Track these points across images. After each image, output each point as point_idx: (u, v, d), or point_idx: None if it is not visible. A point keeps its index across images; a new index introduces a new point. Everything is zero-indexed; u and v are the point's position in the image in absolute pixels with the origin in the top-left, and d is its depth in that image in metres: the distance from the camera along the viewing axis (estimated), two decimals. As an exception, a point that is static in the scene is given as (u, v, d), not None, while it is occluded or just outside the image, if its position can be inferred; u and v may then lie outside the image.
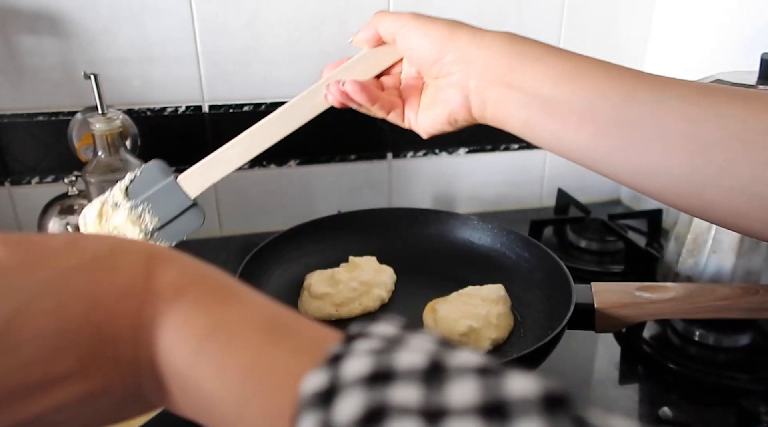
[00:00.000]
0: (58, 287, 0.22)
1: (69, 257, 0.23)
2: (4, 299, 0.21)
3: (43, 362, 0.22)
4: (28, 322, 0.21)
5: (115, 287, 0.23)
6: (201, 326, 0.23)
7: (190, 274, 0.25)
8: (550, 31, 0.91)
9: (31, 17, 0.74)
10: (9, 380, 0.21)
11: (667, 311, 0.56)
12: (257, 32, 0.81)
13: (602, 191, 1.05)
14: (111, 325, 0.23)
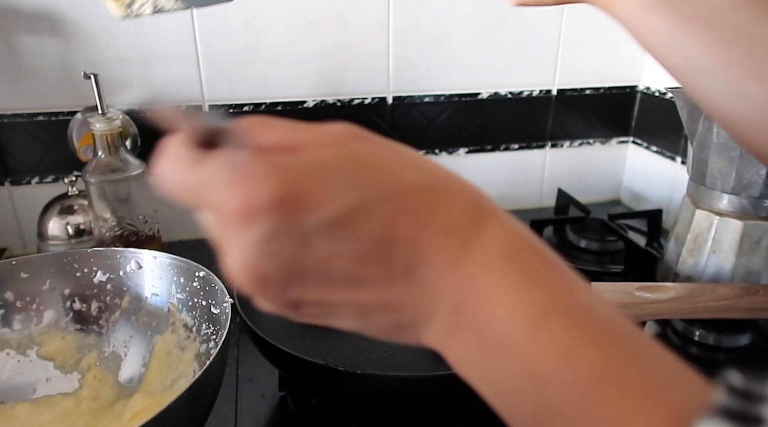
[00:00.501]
0: (399, 199, 0.23)
1: (417, 173, 0.24)
2: (360, 190, 0.22)
3: (361, 260, 0.22)
4: (366, 219, 0.22)
5: (444, 219, 0.23)
6: (540, 299, 0.22)
7: (522, 239, 0.24)
8: (551, 31, 0.91)
9: (31, 17, 0.74)
10: (333, 262, 0.22)
11: (667, 311, 0.56)
12: (257, 32, 0.81)
13: (602, 191, 1.05)
14: (428, 254, 0.23)
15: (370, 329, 0.26)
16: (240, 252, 0.23)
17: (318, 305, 0.24)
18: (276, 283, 0.23)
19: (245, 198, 0.21)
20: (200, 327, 0.51)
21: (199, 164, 0.23)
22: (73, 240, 0.75)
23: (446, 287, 0.23)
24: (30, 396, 0.51)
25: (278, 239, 0.22)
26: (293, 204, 0.21)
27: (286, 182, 0.21)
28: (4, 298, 0.52)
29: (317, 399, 0.55)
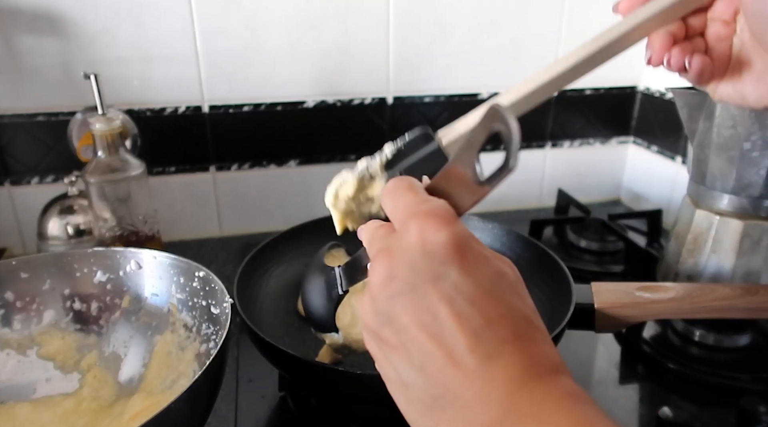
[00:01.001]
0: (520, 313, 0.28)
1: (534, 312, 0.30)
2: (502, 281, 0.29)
3: (460, 318, 0.27)
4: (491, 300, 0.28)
5: (536, 350, 0.27)
6: (587, 416, 0.25)
7: (579, 390, 0.27)
8: (551, 32, 0.91)
9: (31, 17, 0.74)
10: (441, 304, 0.27)
11: (667, 311, 0.56)
12: (257, 32, 0.81)
13: (602, 191, 1.05)
14: (509, 362, 0.27)
15: (414, 391, 0.29)
16: (398, 253, 0.29)
17: (397, 333, 0.29)
18: (397, 287, 0.28)
19: (434, 231, 0.28)
20: (200, 327, 0.51)
21: (424, 195, 0.31)
22: (73, 240, 0.75)
23: (506, 393, 0.26)
24: (30, 396, 0.51)
25: (429, 264, 0.28)
26: (456, 255, 0.28)
27: (464, 242, 0.28)
28: (4, 298, 0.52)
29: (317, 399, 0.55)
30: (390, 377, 0.30)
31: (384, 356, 0.30)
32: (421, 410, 0.29)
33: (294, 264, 0.68)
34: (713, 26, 0.42)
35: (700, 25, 0.42)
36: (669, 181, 0.93)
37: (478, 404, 0.26)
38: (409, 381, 0.29)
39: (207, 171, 0.87)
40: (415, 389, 0.28)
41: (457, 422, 0.27)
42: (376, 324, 0.30)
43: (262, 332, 0.48)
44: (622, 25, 0.42)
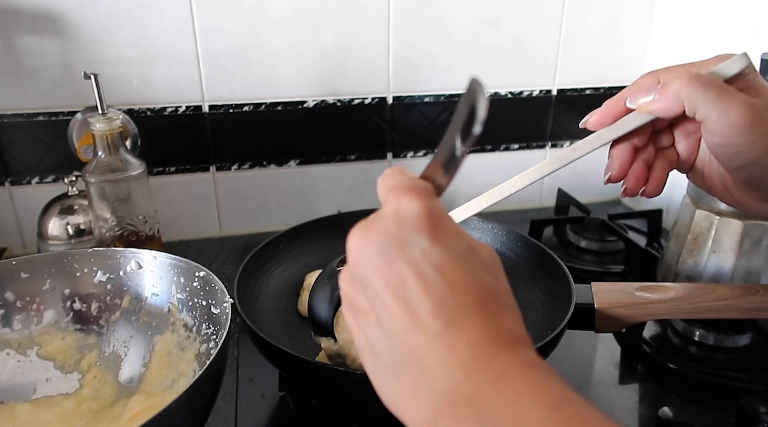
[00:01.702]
0: (488, 290, 0.29)
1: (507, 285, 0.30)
2: (473, 255, 0.29)
3: (426, 284, 0.27)
4: (459, 268, 0.28)
5: (501, 322, 0.28)
6: (558, 392, 0.25)
7: (544, 362, 0.28)
8: (551, 32, 0.91)
9: (31, 17, 0.74)
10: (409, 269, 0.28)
11: (667, 311, 0.56)
12: (257, 32, 0.81)
13: (602, 191, 1.05)
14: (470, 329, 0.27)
15: (382, 356, 0.29)
16: (373, 222, 0.30)
17: (370, 297, 0.29)
18: (368, 250, 0.29)
19: (409, 201, 0.29)
20: (200, 327, 0.51)
21: (410, 176, 0.32)
22: (73, 240, 0.75)
23: (467, 359, 0.26)
24: (30, 396, 0.51)
25: (399, 229, 0.29)
26: (428, 224, 0.29)
27: (438, 214, 0.29)
28: (4, 298, 0.52)
29: (317, 399, 0.55)
30: (362, 346, 0.31)
31: (358, 324, 0.31)
32: (387, 377, 0.29)
33: (294, 264, 0.68)
34: (681, 123, 0.44)
35: (668, 122, 0.44)
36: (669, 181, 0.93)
37: (439, 370, 0.27)
38: (378, 346, 0.29)
39: (207, 171, 0.87)
40: (382, 355, 0.29)
41: (419, 387, 0.27)
42: (351, 291, 0.31)
43: (262, 332, 0.48)
44: (590, 144, 0.45)
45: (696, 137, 0.44)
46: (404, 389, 0.28)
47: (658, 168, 0.44)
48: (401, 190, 0.30)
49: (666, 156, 0.45)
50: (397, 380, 0.29)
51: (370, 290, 0.29)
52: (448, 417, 0.26)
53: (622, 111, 0.43)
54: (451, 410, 0.26)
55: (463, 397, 0.26)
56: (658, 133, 0.45)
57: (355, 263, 0.30)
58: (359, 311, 0.31)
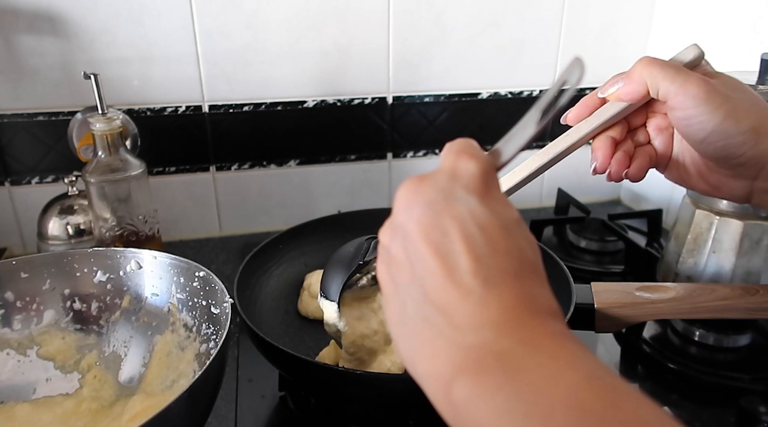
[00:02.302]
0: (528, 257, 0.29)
1: None
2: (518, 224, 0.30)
3: (469, 242, 0.27)
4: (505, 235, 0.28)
5: (537, 294, 0.28)
6: (593, 360, 0.25)
7: (572, 333, 0.28)
8: (551, 31, 0.91)
9: (31, 17, 0.74)
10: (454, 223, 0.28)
11: (667, 311, 0.56)
12: (257, 32, 0.81)
13: (602, 191, 1.05)
14: (507, 294, 0.27)
15: (409, 309, 0.29)
16: (428, 176, 0.30)
17: (407, 247, 0.29)
18: (416, 200, 0.29)
19: (466, 162, 0.30)
20: (200, 327, 0.51)
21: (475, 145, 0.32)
22: (73, 240, 0.75)
23: (498, 320, 0.26)
24: (30, 396, 0.51)
25: (451, 185, 0.29)
26: (480, 186, 0.29)
27: (491, 179, 0.30)
28: (4, 298, 0.52)
29: (317, 399, 0.55)
30: (390, 296, 0.31)
31: (389, 274, 0.31)
32: (409, 330, 0.29)
33: (294, 264, 0.68)
34: (653, 119, 0.48)
35: (641, 118, 0.48)
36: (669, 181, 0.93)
37: (467, 326, 0.26)
38: (406, 297, 0.29)
39: (207, 171, 0.87)
40: (409, 306, 0.29)
41: (442, 342, 0.27)
42: (390, 240, 0.31)
43: (262, 332, 0.48)
44: (570, 136, 0.48)
45: (668, 133, 0.47)
46: (426, 345, 0.28)
47: (639, 157, 0.47)
48: (462, 151, 0.30)
49: (645, 151, 0.48)
50: (421, 334, 0.28)
51: (409, 241, 0.29)
52: (471, 374, 0.25)
53: (597, 104, 0.46)
54: (475, 368, 0.25)
55: (490, 354, 0.25)
56: (634, 131, 0.48)
57: (399, 211, 0.30)
58: (394, 260, 0.30)
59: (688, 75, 0.41)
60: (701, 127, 0.41)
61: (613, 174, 0.47)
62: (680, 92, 0.41)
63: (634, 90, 0.43)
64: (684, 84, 0.41)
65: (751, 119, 0.41)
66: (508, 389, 0.24)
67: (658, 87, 0.42)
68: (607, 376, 0.24)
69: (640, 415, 0.23)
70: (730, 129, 0.41)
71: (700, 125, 0.41)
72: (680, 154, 0.47)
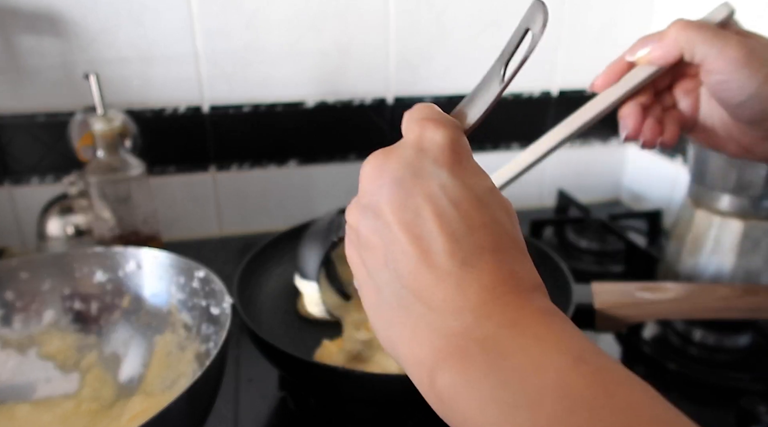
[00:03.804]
0: (507, 233, 0.27)
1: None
2: (493, 196, 0.28)
3: (443, 221, 0.26)
4: (480, 209, 0.27)
5: (518, 270, 0.26)
6: (581, 342, 0.24)
7: (563, 314, 0.27)
8: (551, 31, 0.91)
9: (31, 17, 0.74)
10: (425, 203, 0.26)
11: (667, 311, 0.56)
12: (257, 32, 0.81)
13: (602, 191, 1.05)
14: (485, 271, 0.26)
15: (384, 294, 0.27)
16: (393, 150, 0.29)
17: (379, 229, 0.27)
18: (384, 178, 0.27)
19: (432, 132, 0.28)
20: (200, 327, 0.51)
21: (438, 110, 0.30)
22: (73, 240, 0.75)
23: (477, 301, 0.25)
24: (30, 396, 0.51)
25: (419, 159, 0.27)
26: (450, 157, 0.27)
27: (461, 148, 0.28)
28: (4, 298, 0.52)
29: (317, 399, 0.55)
30: (363, 281, 0.29)
31: (360, 258, 0.29)
32: (387, 316, 0.27)
33: (294, 264, 0.68)
34: (680, 81, 0.45)
35: (667, 81, 0.45)
36: (669, 181, 0.93)
37: (447, 311, 0.25)
38: (381, 282, 0.28)
39: (207, 171, 0.87)
40: (385, 292, 0.27)
41: (422, 328, 0.26)
42: (359, 221, 0.29)
43: (262, 332, 0.48)
44: (597, 104, 0.45)
45: (695, 95, 0.45)
46: (405, 331, 0.26)
47: (669, 122, 0.45)
48: (427, 119, 0.28)
49: (672, 115, 0.46)
50: (399, 320, 0.27)
51: (380, 222, 0.27)
52: (454, 362, 0.24)
53: (624, 68, 0.44)
54: (457, 355, 0.24)
55: (472, 340, 0.24)
56: (660, 95, 0.46)
57: (366, 191, 0.28)
58: (364, 243, 0.28)
59: (727, 37, 0.40)
60: (740, 91, 0.40)
61: (648, 141, 0.45)
62: (719, 56, 0.39)
63: (667, 53, 0.42)
64: (723, 47, 0.39)
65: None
66: (493, 377, 0.23)
67: (695, 51, 0.40)
68: (597, 357, 0.23)
69: (634, 400, 0.22)
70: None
71: (739, 89, 0.40)
72: (708, 117, 0.45)
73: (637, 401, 0.22)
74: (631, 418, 0.21)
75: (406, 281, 0.26)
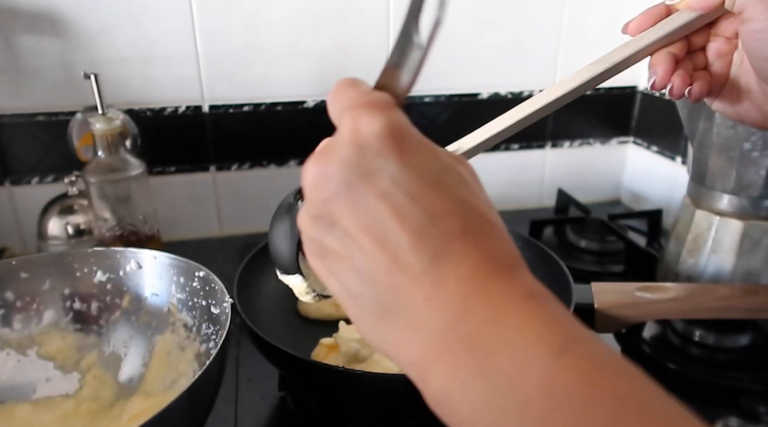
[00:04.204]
0: (471, 209, 0.26)
1: (490, 206, 0.28)
2: (451, 175, 0.27)
3: (404, 218, 0.25)
4: (436, 194, 0.25)
5: (491, 248, 0.26)
6: (563, 330, 0.23)
7: (544, 288, 0.26)
8: (551, 31, 0.91)
9: (31, 17, 0.74)
10: (381, 202, 0.25)
11: (667, 311, 0.56)
12: (257, 32, 0.81)
13: (602, 191, 1.05)
14: (459, 261, 0.25)
15: (362, 302, 0.26)
16: (330, 150, 0.26)
17: (340, 239, 0.26)
18: (330, 187, 0.26)
19: (368, 120, 0.25)
20: (200, 327, 0.51)
21: (364, 89, 0.28)
22: (73, 240, 0.75)
23: (457, 295, 0.24)
24: (30, 396, 0.51)
25: (361, 156, 0.25)
26: (393, 144, 0.25)
27: (402, 130, 0.26)
28: (4, 298, 0.52)
29: (317, 399, 0.55)
30: (338, 292, 0.28)
31: (328, 269, 0.28)
32: (372, 322, 0.27)
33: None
34: (715, 42, 0.44)
35: (702, 40, 0.44)
36: (669, 181, 0.93)
37: (429, 309, 0.24)
38: (356, 291, 0.26)
39: (207, 171, 0.87)
40: (362, 300, 0.26)
41: (408, 329, 0.25)
42: (317, 232, 0.27)
43: (262, 332, 0.48)
44: (629, 47, 0.43)
45: (728, 59, 0.44)
46: (393, 335, 0.26)
47: (699, 78, 0.44)
48: (357, 107, 0.26)
49: (702, 75, 0.44)
50: (383, 325, 0.26)
51: (339, 231, 0.26)
52: (443, 364, 0.24)
53: (662, 13, 0.42)
54: (446, 355, 0.24)
55: (459, 339, 0.24)
56: (692, 54, 0.44)
57: (316, 202, 0.27)
58: (328, 254, 0.27)
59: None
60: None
61: (676, 90, 0.43)
62: (761, 3, 0.38)
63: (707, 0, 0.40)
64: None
65: None
66: (482, 381, 0.23)
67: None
68: (581, 343, 0.23)
69: (620, 390, 0.22)
70: None
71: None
72: (737, 80, 0.44)
73: (624, 390, 0.22)
74: (619, 410, 0.21)
75: (381, 286, 0.25)
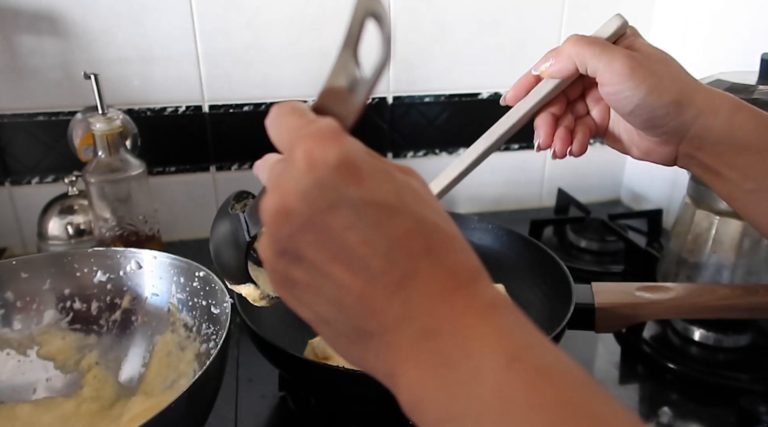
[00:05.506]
0: (431, 227, 0.27)
1: (448, 220, 0.28)
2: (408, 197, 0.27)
3: (370, 246, 0.26)
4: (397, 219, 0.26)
5: (453, 263, 0.27)
6: (517, 340, 0.25)
7: (506, 299, 0.27)
8: (551, 31, 0.91)
9: (31, 17, 0.74)
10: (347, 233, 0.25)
11: (667, 311, 0.56)
12: (257, 32, 0.81)
13: (602, 191, 1.05)
14: (426, 279, 0.26)
15: (336, 326, 0.28)
16: (287, 184, 0.26)
17: (308, 270, 0.27)
18: (294, 223, 0.26)
19: (322, 152, 0.25)
20: (200, 327, 0.51)
21: (309, 116, 0.28)
22: (73, 240, 0.75)
23: (425, 311, 0.26)
24: (30, 396, 0.51)
25: (321, 190, 0.25)
26: (350, 174, 0.25)
27: (357, 158, 0.26)
28: (4, 298, 0.52)
29: (317, 399, 0.55)
30: (310, 319, 0.29)
31: (297, 299, 0.29)
32: (346, 344, 0.28)
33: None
34: (591, 90, 0.49)
35: (578, 90, 0.50)
36: (669, 181, 0.93)
37: (399, 327, 0.26)
38: (329, 317, 0.28)
39: (207, 171, 0.87)
40: (336, 324, 0.28)
41: (383, 348, 0.26)
42: (283, 265, 0.28)
43: (262, 332, 0.48)
44: (510, 118, 0.50)
45: (605, 104, 0.49)
46: (367, 353, 0.27)
47: (580, 132, 0.50)
48: (307, 139, 0.26)
49: (584, 123, 0.50)
50: (357, 344, 0.28)
51: (306, 263, 0.27)
52: (415, 376, 0.25)
53: (532, 82, 0.49)
54: (416, 370, 0.25)
55: (427, 354, 0.25)
56: (574, 103, 0.50)
57: (278, 238, 0.27)
58: (297, 284, 0.28)
59: (614, 51, 0.43)
60: (628, 101, 0.43)
61: (558, 152, 0.50)
62: (606, 69, 0.43)
63: (563, 67, 0.46)
64: (610, 61, 0.43)
65: (672, 93, 0.43)
66: (445, 393, 0.25)
67: (586, 64, 0.44)
68: (534, 352, 0.25)
69: (564, 397, 0.23)
70: (653, 103, 0.43)
71: (626, 100, 0.43)
72: (615, 124, 0.50)
73: (568, 397, 0.23)
74: (559, 414, 0.23)
75: (354, 311, 0.27)
